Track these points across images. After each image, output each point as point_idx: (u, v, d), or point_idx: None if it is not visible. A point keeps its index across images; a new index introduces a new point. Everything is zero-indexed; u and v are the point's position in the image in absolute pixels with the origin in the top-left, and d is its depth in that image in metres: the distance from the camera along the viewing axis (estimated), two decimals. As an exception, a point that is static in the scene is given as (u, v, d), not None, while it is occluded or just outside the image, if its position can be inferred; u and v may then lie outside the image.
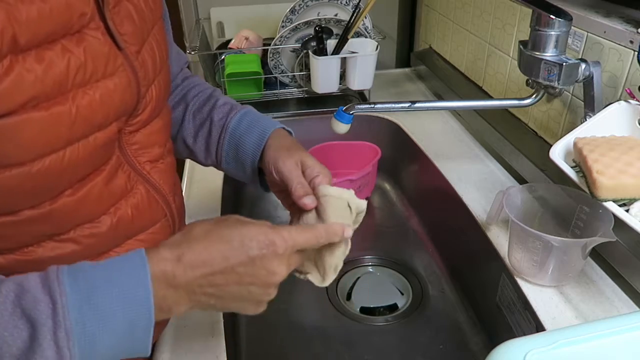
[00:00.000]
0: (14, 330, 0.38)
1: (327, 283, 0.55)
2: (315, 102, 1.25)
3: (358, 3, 1.14)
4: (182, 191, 0.73)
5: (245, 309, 0.49)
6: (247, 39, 1.27)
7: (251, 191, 1.21)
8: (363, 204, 0.58)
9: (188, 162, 1.05)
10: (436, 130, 1.15)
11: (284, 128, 0.68)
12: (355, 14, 1.12)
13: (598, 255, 0.74)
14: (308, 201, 0.56)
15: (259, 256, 0.45)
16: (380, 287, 0.97)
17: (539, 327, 0.67)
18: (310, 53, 1.14)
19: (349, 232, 0.53)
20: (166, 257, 0.44)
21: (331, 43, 1.16)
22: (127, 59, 0.49)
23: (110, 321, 0.40)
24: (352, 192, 0.57)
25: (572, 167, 0.67)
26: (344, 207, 0.57)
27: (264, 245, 0.46)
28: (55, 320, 0.38)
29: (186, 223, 0.76)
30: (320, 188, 0.58)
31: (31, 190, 0.43)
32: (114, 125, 0.48)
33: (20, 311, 0.38)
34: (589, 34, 0.78)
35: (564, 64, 0.74)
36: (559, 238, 0.64)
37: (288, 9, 1.20)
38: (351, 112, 0.90)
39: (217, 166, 0.70)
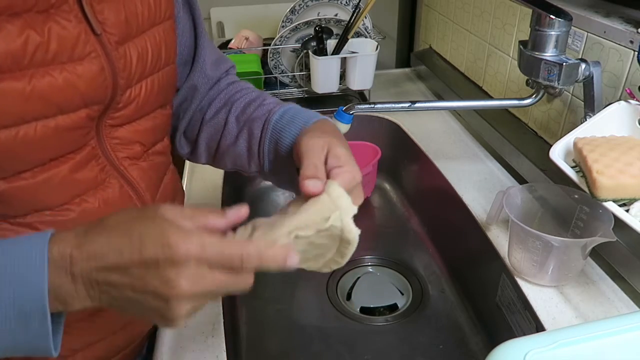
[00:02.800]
0: None
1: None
2: (315, 102, 1.25)
3: (358, 3, 1.14)
4: (180, 194, 0.72)
5: (153, 320, 0.42)
6: (247, 39, 1.27)
7: (251, 191, 1.21)
8: (353, 232, 0.45)
9: (188, 162, 1.05)
10: (436, 130, 1.15)
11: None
12: (355, 14, 1.12)
13: (598, 255, 0.74)
14: (310, 183, 0.46)
15: (153, 259, 0.38)
16: (380, 287, 0.97)
17: (539, 327, 0.67)
18: (310, 53, 1.14)
19: (294, 260, 0.41)
20: (69, 241, 0.39)
21: (331, 43, 1.16)
22: (104, 47, 0.48)
23: None
24: (354, 210, 0.46)
25: (572, 167, 0.67)
26: (326, 214, 0.45)
27: (159, 246, 0.38)
28: None
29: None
30: (329, 182, 0.46)
31: None
32: (83, 112, 0.47)
33: None
34: (589, 34, 0.78)
35: (564, 64, 0.74)
36: (559, 238, 0.64)
37: (288, 9, 1.20)
38: (351, 112, 0.90)
39: (262, 172, 0.65)
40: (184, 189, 0.96)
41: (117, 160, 0.54)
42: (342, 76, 1.21)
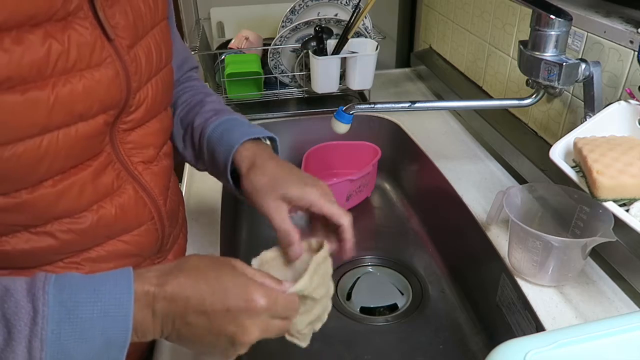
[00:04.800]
0: None
1: (304, 344, 0.54)
2: (315, 102, 1.25)
3: (358, 3, 1.14)
4: (181, 196, 0.72)
5: (213, 355, 0.47)
6: (247, 39, 1.27)
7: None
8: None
9: (187, 166, 1.04)
10: (436, 130, 1.15)
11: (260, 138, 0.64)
12: (355, 14, 1.12)
13: (598, 255, 0.74)
14: (296, 252, 0.56)
15: (235, 309, 0.44)
16: (380, 287, 0.97)
17: (539, 327, 0.67)
18: (310, 53, 1.14)
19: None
20: (151, 280, 0.43)
21: (331, 43, 1.16)
22: (117, 51, 0.48)
23: (87, 337, 0.40)
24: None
25: (572, 167, 0.67)
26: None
27: (242, 299, 0.44)
28: (33, 329, 0.38)
29: (187, 224, 0.76)
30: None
31: (3, 176, 0.43)
32: (100, 118, 0.48)
33: (0, 314, 0.38)
34: (589, 34, 0.78)
35: (564, 64, 0.74)
36: (559, 238, 0.64)
37: (288, 9, 1.20)
38: (351, 112, 0.90)
39: (210, 173, 0.69)
40: (184, 192, 0.96)
41: (131, 165, 0.55)
42: (342, 76, 1.20)
